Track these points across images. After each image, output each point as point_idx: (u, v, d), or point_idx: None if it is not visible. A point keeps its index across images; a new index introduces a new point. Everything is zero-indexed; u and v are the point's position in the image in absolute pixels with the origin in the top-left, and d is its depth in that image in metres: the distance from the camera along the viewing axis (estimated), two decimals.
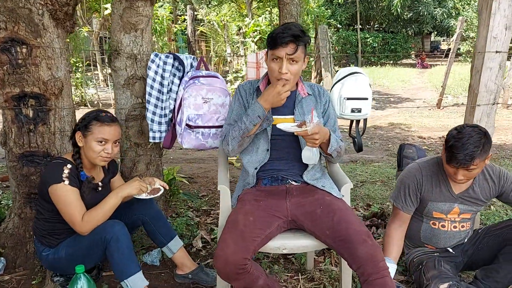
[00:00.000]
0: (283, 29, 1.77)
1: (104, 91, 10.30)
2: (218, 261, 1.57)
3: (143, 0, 2.16)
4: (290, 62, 1.79)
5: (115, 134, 1.87)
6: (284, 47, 1.75)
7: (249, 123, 1.80)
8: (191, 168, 4.47)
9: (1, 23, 1.98)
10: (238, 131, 1.83)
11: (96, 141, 1.83)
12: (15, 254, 2.30)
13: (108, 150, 1.85)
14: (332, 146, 1.84)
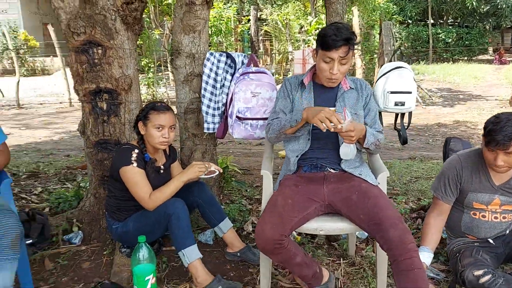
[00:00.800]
0: (335, 31, 1.85)
1: (173, 90, 10.89)
2: (257, 237, 1.76)
3: (201, 5, 2.40)
4: (340, 63, 1.90)
5: (170, 120, 2.13)
6: (337, 50, 1.85)
7: (288, 122, 1.97)
8: (248, 161, 4.71)
9: (81, 27, 2.31)
10: (278, 125, 2.01)
11: (154, 128, 2.09)
12: (91, 229, 2.65)
13: (165, 135, 2.11)
14: (368, 141, 1.94)
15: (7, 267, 1.66)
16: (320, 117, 1.78)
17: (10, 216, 1.68)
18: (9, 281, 1.68)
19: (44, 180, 3.96)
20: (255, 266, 2.33)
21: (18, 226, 1.69)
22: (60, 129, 7.22)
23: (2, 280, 1.65)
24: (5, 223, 1.65)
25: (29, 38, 15.59)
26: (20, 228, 1.70)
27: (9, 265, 1.66)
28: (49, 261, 2.37)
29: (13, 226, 1.67)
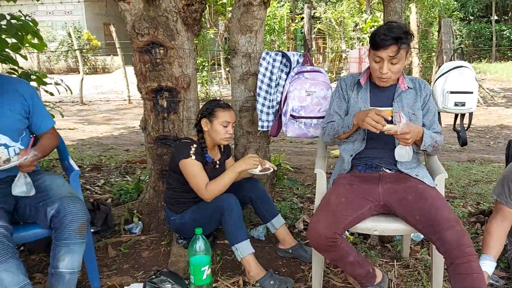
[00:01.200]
0: (385, 30, 1.85)
1: (226, 88, 11.10)
2: (311, 234, 1.79)
3: (258, 5, 2.45)
4: (391, 62, 1.89)
5: (233, 117, 2.24)
6: (385, 49, 1.84)
7: (341, 128, 1.98)
8: (300, 160, 4.72)
9: (145, 29, 2.43)
10: (332, 130, 2.03)
11: (220, 124, 2.19)
12: (150, 220, 2.79)
13: (230, 131, 2.21)
14: (425, 143, 1.90)
15: (75, 250, 1.79)
16: (368, 121, 1.78)
17: (78, 204, 1.83)
18: (77, 264, 1.81)
19: (106, 172, 4.20)
20: (306, 264, 2.35)
21: (85, 213, 1.82)
22: (119, 125, 7.59)
23: (71, 263, 1.79)
24: (73, 210, 1.79)
25: (92, 38, 16.45)
26: (87, 215, 1.84)
27: (77, 248, 1.80)
28: (111, 249, 2.53)
29: (81, 213, 1.81)
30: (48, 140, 2.06)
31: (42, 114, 2.06)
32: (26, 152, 1.77)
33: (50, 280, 1.80)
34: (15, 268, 1.62)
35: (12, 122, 1.94)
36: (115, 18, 18.35)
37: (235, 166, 2.21)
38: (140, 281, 2.21)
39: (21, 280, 1.63)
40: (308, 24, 12.11)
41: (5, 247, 1.62)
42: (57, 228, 1.78)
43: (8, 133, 1.92)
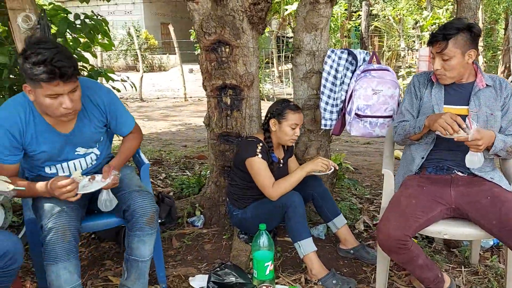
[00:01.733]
0: (441, 27, 1.89)
1: (279, 87, 11.13)
2: (380, 234, 1.76)
3: (325, 3, 2.44)
4: (442, 59, 1.88)
5: (301, 120, 2.26)
6: (433, 46, 1.89)
7: (412, 129, 1.94)
8: (356, 160, 4.65)
9: (212, 28, 2.50)
10: (403, 131, 1.99)
11: (289, 126, 2.21)
12: (211, 214, 2.86)
13: (297, 134, 2.23)
14: (496, 148, 1.81)
15: (145, 240, 1.89)
16: (441, 122, 1.75)
17: (147, 198, 1.90)
18: (148, 252, 1.91)
19: (167, 167, 4.35)
20: (368, 265, 2.32)
21: (152, 206, 1.90)
22: (177, 121, 7.83)
23: (142, 252, 1.89)
24: (142, 204, 1.87)
25: (150, 37, 17.06)
26: (155, 207, 1.91)
27: (147, 238, 1.89)
28: (175, 240, 2.62)
29: (149, 206, 1.88)
30: (129, 143, 2.09)
31: (121, 119, 2.02)
32: (108, 173, 1.80)
33: (126, 265, 1.93)
34: (73, 268, 1.71)
35: (92, 135, 1.93)
36: (172, 18, 18.92)
37: (303, 166, 2.22)
38: (204, 272, 2.27)
39: (74, 280, 1.72)
40: (365, 22, 11.86)
41: (71, 247, 1.70)
42: (129, 220, 1.88)
43: (87, 144, 1.95)
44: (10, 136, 1.72)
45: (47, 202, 1.80)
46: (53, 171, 1.92)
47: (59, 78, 1.57)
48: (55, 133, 1.82)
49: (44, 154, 1.83)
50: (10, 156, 1.76)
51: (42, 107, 1.68)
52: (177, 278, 2.24)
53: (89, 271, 2.32)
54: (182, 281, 2.22)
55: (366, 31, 12.27)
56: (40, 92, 1.61)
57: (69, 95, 1.65)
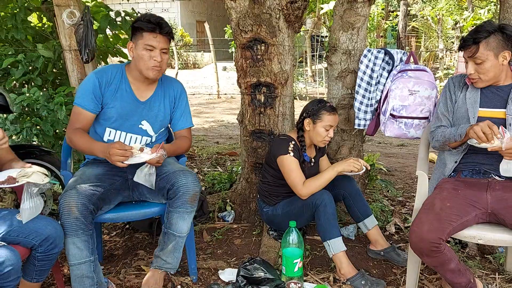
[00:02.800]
0: (470, 31, 1.86)
1: (311, 86, 11.07)
2: (413, 236, 1.74)
3: (362, 2, 2.43)
4: (475, 63, 1.86)
5: (336, 121, 2.26)
6: (465, 50, 1.87)
7: (452, 136, 1.90)
8: (389, 162, 4.58)
9: (249, 26, 2.52)
10: (442, 137, 1.96)
11: (323, 127, 2.21)
12: (241, 210, 2.90)
13: (331, 135, 2.23)
14: None
15: (185, 217, 1.99)
16: (477, 130, 1.72)
17: (190, 176, 1.97)
18: (186, 229, 2.02)
19: (199, 162, 4.43)
20: (398, 267, 2.29)
21: (196, 185, 1.97)
22: (210, 118, 7.93)
23: (180, 227, 2.00)
24: (186, 183, 1.95)
25: (185, 35, 17.32)
26: (198, 187, 1.98)
27: (186, 216, 1.99)
28: (206, 234, 2.67)
29: (192, 185, 1.96)
30: (181, 142, 2.19)
31: (182, 114, 2.22)
32: (157, 150, 1.90)
33: (163, 237, 2.03)
34: (82, 244, 1.80)
35: (158, 113, 2.13)
36: (208, 16, 19.15)
37: (334, 165, 2.22)
38: (234, 266, 2.31)
39: (83, 256, 1.81)
40: (403, 21, 11.62)
41: (79, 223, 1.77)
42: (172, 198, 1.97)
43: (152, 122, 2.12)
44: (96, 83, 2.01)
45: (71, 181, 1.93)
46: (111, 138, 2.08)
47: (159, 30, 1.95)
48: (133, 96, 2.08)
49: (115, 111, 2.04)
50: (89, 103, 2.00)
51: (137, 59, 1.99)
52: (207, 271, 2.28)
53: (123, 260, 2.40)
54: (212, 273, 2.26)
55: (403, 31, 12.00)
56: (140, 43, 1.96)
57: (161, 52, 1.98)
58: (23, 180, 1.61)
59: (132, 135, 2.10)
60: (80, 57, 2.70)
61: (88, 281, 1.83)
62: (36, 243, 1.66)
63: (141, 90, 2.10)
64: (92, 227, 1.85)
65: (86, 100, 2.00)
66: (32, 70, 2.95)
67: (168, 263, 2.04)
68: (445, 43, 11.40)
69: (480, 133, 1.71)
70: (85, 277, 1.83)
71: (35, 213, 1.68)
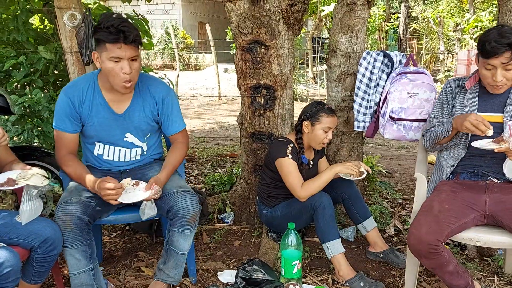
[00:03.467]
0: (496, 36, 1.75)
1: (313, 88, 11.08)
2: (411, 238, 1.74)
3: (362, 5, 2.44)
4: (505, 69, 1.79)
5: (335, 123, 2.26)
6: (498, 57, 1.76)
7: (440, 133, 1.91)
8: (389, 164, 4.58)
9: (249, 28, 2.53)
10: (431, 136, 1.97)
11: (322, 129, 2.22)
12: (241, 211, 2.91)
13: (329, 137, 2.24)
14: None
15: (186, 236, 1.97)
16: (467, 125, 1.72)
17: (188, 198, 1.92)
18: (187, 246, 2.01)
19: (199, 164, 4.43)
20: (397, 269, 2.30)
21: (195, 206, 1.93)
22: (210, 120, 7.95)
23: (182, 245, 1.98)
24: (184, 205, 1.90)
25: (187, 36, 17.35)
26: (198, 207, 1.94)
27: (188, 235, 1.97)
28: (206, 235, 2.68)
29: (191, 206, 1.92)
30: (176, 153, 2.07)
31: (171, 117, 2.07)
32: (151, 186, 1.85)
33: (165, 252, 2.03)
34: (79, 255, 1.79)
35: (140, 122, 2.01)
36: (209, 17, 19.18)
37: (332, 166, 2.22)
38: (233, 268, 2.32)
39: (81, 266, 1.81)
40: (404, 23, 11.63)
41: (74, 235, 1.76)
42: (172, 219, 1.94)
43: (135, 132, 2.03)
44: (70, 103, 1.91)
45: (67, 191, 1.91)
46: (100, 152, 2.03)
47: (122, 40, 1.76)
48: (109, 110, 1.96)
49: (93, 128, 1.96)
50: (69, 124, 1.93)
51: (105, 72, 1.85)
52: (206, 272, 2.29)
53: (123, 261, 2.41)
54: (211, 275, 2.27)
55: (405, 33, 12.01)
56: (105, 55, 1.80)
57: (129, 61, 1.82)
58: (22, 182, 1.63)
59: (121, 148, 2.04)
60: (81, 59, 2.70)
61: None
62: (35, 244, 1.67)
63: (116, 101, 1.97)
64: (90, 237, 1.84)
65: (63, 122, 1.93)
66: (34, 72, 2.96)
67: (170, 276, 2.04)
68: (446, 45, 11.40)
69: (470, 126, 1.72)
70: (84, 285, 1.83)
71: (34, 214, 1.69)
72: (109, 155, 2.04)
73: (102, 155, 2.04)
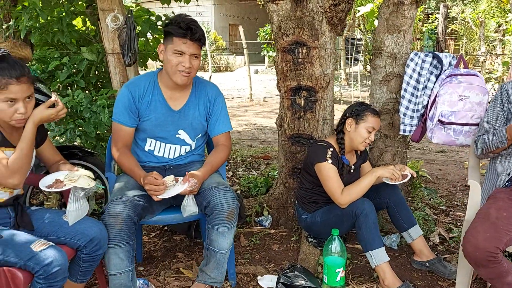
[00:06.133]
0: None
1: (345, 89, 10.92)
2: (467, 245, 1.65)
3: (410, 4, 2.35)
4: None
5: (379, 125, 2.20)
6: None
7: (492, 144, 1.81)
8: (429, 169, 4.43)
9: (291, 29, 2.49)
10: (484, 144, 1.87)
11: (366, 129, 2.16)
12: (278, 215, 2.86)
13: (371, 138, 2.17)
14: None
15: (224, 234, 1.96)
16: None
17: (225, 194, 1.92)
18: (227, 245, 1.99)
19: (233, 165, 4.42)
20: (445, 280, 2.20)
21: (233, 202, 1.92)
22: (242, 121, 7.94)
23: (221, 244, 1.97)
24: (221, 201, 1.90)
25: (218, 38, 17.47)
26: (235, 203, 1.93)
27: (226, 232, 1.96)
28: (244, 238, 2.65)
29: (228, 202, 1.91)
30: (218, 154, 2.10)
31: (219, 118, 2.14)
32: (188, 179, 1.88)
33: (205, 253, 2.02)
34: (124, 255, 1.80)
35: (194, 120, 2.09)
36: (240, 19, 19.25)
37: (373, 170, 2.15)
38: (272, 273, 2.27)
39: (124, 266, 1.82)
40: (443, 24, 11.30)
41: (123, 234, 1.78)
42: (209, 215, 1.93)
43: (188, 130, 2.10)
44: (130, 97, 2.01)
45: (116, 190, 1.93)
46: (151, 148, 2.10)
47: (189, 36, 1.89)
48: (166, 106, 2.05)
49: (150, 123, 2.04)
50: (127, 117, 2.01)
51: (166, 63, 1.96)
52: (245, 276, 2.26)
53: (162, 262, 2.40)
54: (250, 279, 2.23)
55: (443, 34, 11.65)
56: (170, 48, 1.92)
57: (190, 58, 1.93)
58: (70, 184, 1.64)
59: (171, 145, 2.11)
60: (122, 60, 2.73)
61: None
62: (81, 244, 1.67)
63: (174, 98, 2.06)
64: (134, 238, 1.86)
65: (123, 116, 2.01)
66: (76, 73, 3.01)
67: (212, 278, 2.02)
68: (486, 47, 10.99)
69: None
70: (123, 286, 1.84)
71: (81, 215, 1.70)
72: (160, 151, 2.10)
73: (153, 151, 2.10)
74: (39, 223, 1.70)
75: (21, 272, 1.49)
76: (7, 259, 1.49)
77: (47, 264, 1.48)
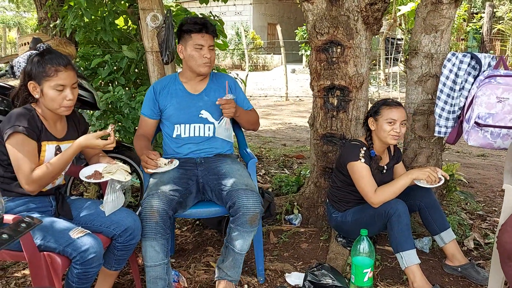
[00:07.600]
0: None
1: (384, 90, 10.72)
2: (505, 236, 1.63)
3: (448, 3, 2.30)
4: None
5: (402, 115, 2.15)
6: None
7: None
8: (468, 173, 4.29)
9: (325, 28, 2.49)
10: None
11: (385, 122, 2.13)
12: (308, 214, 2.87)
13: (397, 130, 2.13)
14: None
15: (245, 236, 1.98)
16: None
17: (251, 197, 1.94)
18: (246, 247, 2.01)
19: (266, 164, 4.45)
20: (477, 286, 2.14)
21: (257, 207, 1.94)
22: (277, 120, 7.96)
23: (240, 245, 1.99)
24: (246, 204, 1.92)
25: (256, 37, 17.54)
26: (259, 208, 1.95)
27: (247, 235, 1.98)
28: (273, 236, 2.68)
29: (253, 206, 1.93)
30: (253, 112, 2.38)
31: (244, 100, 2.35)
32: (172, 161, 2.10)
33: (224, 249, 2.06)
34: (159, 247, 1.87)
35: (216, 99, 2.17)
36: (279, 18, 19.25)
37: (409, 172, 2.13)
38: (300, 270, 2.29)
39: (159, 259, 1.88)
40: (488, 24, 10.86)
41: (158, 228, 1.84)
42: (233, 215, 1.97)
43: (210, 109, 2.21)
44: (152, 91, 2.26)
45: (153, 185, 2.01)
46: (178, 133, 2.22)
47: (205, 30, 2.14)
48: (185, 91, 2.26)
49: (172, 108, 2.22)
50: (148, 110, 2.25)
51: (188, 59, 2.18)
52: (273, 272, 2.28)
53: (193, 255, 2.47)
54: (278, 276, 2.26)
55: (488, 34, 11.20)
56: (190, 44, 2.15)
57: (209, 49, 2.16)
58: (107, 176, 1.72)
59: (195, 125, 2.22)
60: (160, 59, 2.82)
61: (161, 282, 1.90)
62: (116, 233, 1.76)
63: (193, 86, 2.27)
64: (169, 231, 1.92)
65: (145, 108, 2.26)
66: (117, 70, 3.14)
67: (229, 275, 2.05)
68: None
69: None
70: (158, 278, 1.90)
71: (117, 206, 1.79)
72: (185, 133, 2.22)
73: (180, 135, 2.22)
74: (77, 212, 1.80)
75: (60, 257, 1.58)
76: (47, 244, 1.58)
77: (83, 251, 1.56)
